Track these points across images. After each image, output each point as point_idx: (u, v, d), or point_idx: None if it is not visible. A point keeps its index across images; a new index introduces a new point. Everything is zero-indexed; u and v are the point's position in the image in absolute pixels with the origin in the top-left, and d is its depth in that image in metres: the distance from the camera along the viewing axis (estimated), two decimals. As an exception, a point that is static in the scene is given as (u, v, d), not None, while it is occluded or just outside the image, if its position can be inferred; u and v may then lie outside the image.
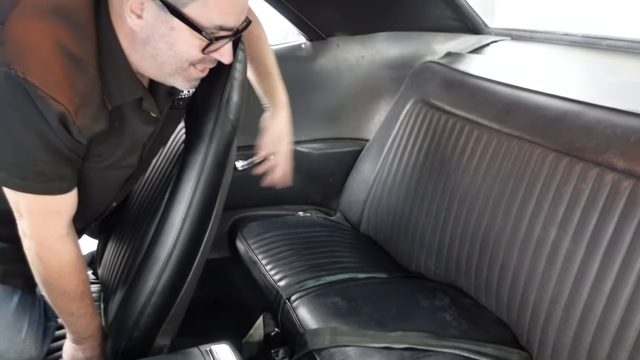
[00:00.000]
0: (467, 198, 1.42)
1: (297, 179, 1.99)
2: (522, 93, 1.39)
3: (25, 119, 0.96)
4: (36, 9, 0.98)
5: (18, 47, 0.93)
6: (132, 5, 0.95)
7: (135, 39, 0.99)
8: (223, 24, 0.96)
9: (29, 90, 0.93)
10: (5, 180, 1.04)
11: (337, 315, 1.32)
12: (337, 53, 1.96)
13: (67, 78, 0.96)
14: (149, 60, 1.01)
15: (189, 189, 1.17)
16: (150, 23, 0.96)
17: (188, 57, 1.00)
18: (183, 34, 0.96)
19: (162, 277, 1.17)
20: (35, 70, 0.93)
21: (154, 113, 1.13)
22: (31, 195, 1.05)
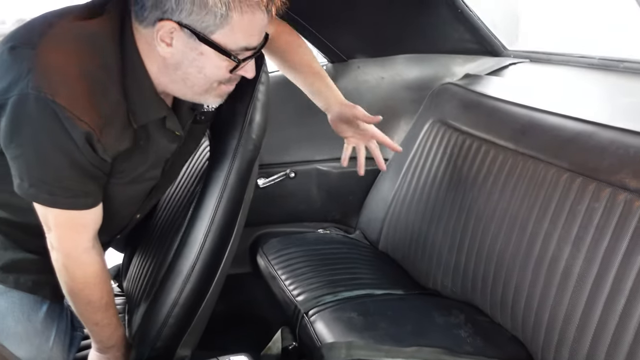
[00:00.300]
0: (483, 217, 1.44)
1: (318, 197, 2.04)
2: (537, 114, 1.42)
3: (53, 138, 1.02)
4: (64, 36, 1.04)
5: (47, 72, 1.00)
6: (162, 35, 1.01)
7: (167, 65, 1.06)
8: (248, 44, 1.03)
9: (57, 111, 0.99)
10: (35, 195, 1.10)
11: (353, 330, 1.35)
12: (358, 75, 2.02)
13: (92, 100, 1.02)
14: (180, 83, 1.08)
15: (212, 204, 1.22)
16: (180, 50, 1.02)
17: (217, 78, 1.07)
18: (212, 58, 1.03)
19: (184, 289, 1.22)
20: (63, 93, 0.99)
21: (178, 131, 1.18)
22: (58, 210, 1.11)
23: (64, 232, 1.15)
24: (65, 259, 1.18)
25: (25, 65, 1.00)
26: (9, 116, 1.02)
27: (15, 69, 1.01)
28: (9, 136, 1.04)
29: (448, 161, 1.63)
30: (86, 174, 1.09)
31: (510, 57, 2.01)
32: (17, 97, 1.00)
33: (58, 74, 1.01)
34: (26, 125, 1.02)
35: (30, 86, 0.98)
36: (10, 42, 1.06)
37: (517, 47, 2.07)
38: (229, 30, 1.00)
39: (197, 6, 0.98)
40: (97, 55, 1.04)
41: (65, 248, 1.17)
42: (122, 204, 1.29)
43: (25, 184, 1.08)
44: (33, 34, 1.05)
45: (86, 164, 1.07)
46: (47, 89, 0.98)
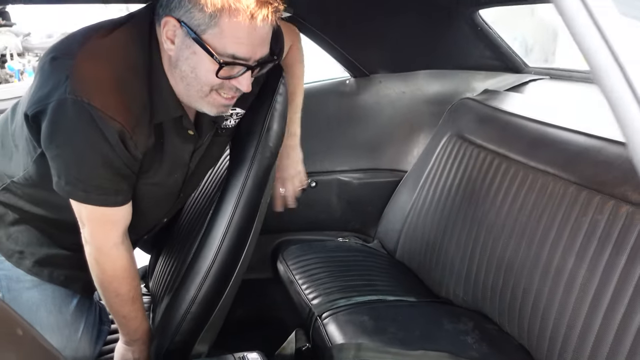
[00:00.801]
0: (494, 228, 1.48)
1: (338, 206, 2.11)
2: (548, 129, 1.46)
3: (89, 138, 1.12)
4: (98, 47, 1.15)
5: (83, 79, 1.10)
6: (167, 32, 1.11)
7: (171, 63, 1.15)
8: (235, 52, 1.09)
9: (92, 113, 1.09)
10: (71, 192, 1.20)
11: (364, 333, 1.40)
12: (379, 89, 2.08)
13: (123, 102, 1.12)
14: (180, 82, 1.16)
15: (230, 208, 1.30)
16: (179, 47, 1.11)
17: (207, 81, 1.12)
18: (202, 59, 1.10)
19: (202, 287, 1.29)
20: (97, 96, 1.09)
21: (191, 131, 1.27)
22: (91, 206, 1.21)
23: (96, 227, 1.25)
24: (96, 252, 1.27)
25: (63, 74, 1.11)
26: (49, 119, 1.12)
27: (55, 77, 1.12)
28: (49, 137, 1.15)
29: (463, 174, 1.68)
30: (117, 172, 1.18)
31: (530, 73, 2.05)
32: (56, 102, 1.10)
33: (93, 80, 1.11)
34: (64, 127, 1.13)
35: (68, 91, 1.08)
36: (51, 53, 1.18)
37: (554, 64, 2.09)
38: (218, 32, 1.07)
39: (193, 5, 1.06)
40: (126, 61, 1.14)
41: (97, 242, 1.26)
42: (149, 206, 1.38)
43: (62, 181, 1.18)
44: (71, 46, 1.16)
45: (118, 163, 1.16)
46: (83, 94, 1.08)
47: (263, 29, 1.10)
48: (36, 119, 1.15)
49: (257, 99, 1.35)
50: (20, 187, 1.35)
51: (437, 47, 2.00)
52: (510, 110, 1.66)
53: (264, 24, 1.08)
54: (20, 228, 1.42)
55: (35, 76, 1.19)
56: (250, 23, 1.06)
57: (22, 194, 1.36)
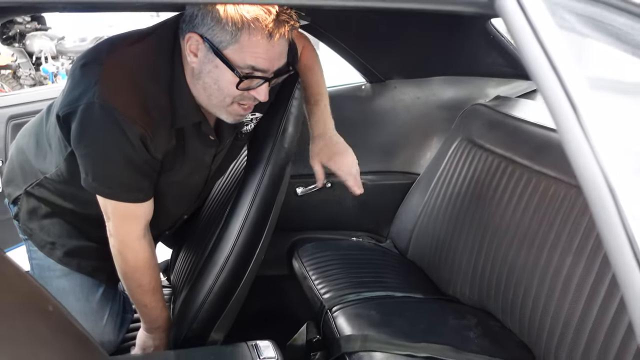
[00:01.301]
0: (499, 229, 1.54)
1: (352, 207, 2.18)
2: (552, 133, 1.51)
3: (113, 139, 1.22)
4: (124, 55, 1.25)
5: (110, 85, 1.20)
6: (190, 46, 1.20)
7: (193, 74, 1.23)
8: (255, 65, 1.17)
9: (117, 117, 1.18)
10: (97, 188, 1.30)
11: (371, 326, 1.47)
12: (394, 94, 2.15)
13: (145, 107, 1.21)
14: (202, 92, 1.25)
15: (246, 204, 1.38)
16: (202, 61, 1.20)
17: (228, 92, 1.21)
18: (223, 72, 1.19)
19: (219, 278, 1.37)
20: (122, 101, 1.19)
21: (212, 136, 1.35)
22: (115, 202, 1.31)
23: (119, 221, 1.35)
24: (120, 245, 1.37)
25: (92, 79, 1.20)
26: (78, 121, 1.22)
27: (85, 82, 1.22)
28: (78, 137, 1.25)
29: (472, 177, 1.74)
30: (139, 171, 1.28)
31: (543, 80, 2.09)
32: (85, 105, 1.20)
33: (119, 86, 1.20)
34: (91, 129, 1.23)
35: (96, 96, 1.18)
36: (82, 59, 1.28)
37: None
38: (238, 48, 1.16)
39: (215, 22, 1.15)
40: (150, 69, 1.23)
41: (121, 235, 1.36)
42: (171, 204, 1.48)
43: (89, 178, 1.28)
44: (101, 53, 1.26)
45: (140, 163, 1.26)
46: (109, 99, 1.18)
47: (280, 45, 1.18)
48: (67, 120, 1.26)
49: (273, 103, 1.44)
50: (52, 183, 1.46)
51: (451, 54, 2.06)
52: (520, 116, 1.72)
53: (281, 40, 1.17)
54: (52, 221, 1.53)
55: (67, 80, 1.30)
56: (269, 41, 1.15)
57: (53, 190, 1.47)
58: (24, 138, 1.55)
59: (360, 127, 2.15)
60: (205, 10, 1.15)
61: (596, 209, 0.56)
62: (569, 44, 0.51)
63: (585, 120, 0.56)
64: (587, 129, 0.58)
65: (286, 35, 1.17)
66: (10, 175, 1.57)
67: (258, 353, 1.31)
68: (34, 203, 1.52)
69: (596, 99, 0.61)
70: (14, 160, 1.56)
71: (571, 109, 0.56)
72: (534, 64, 0.48)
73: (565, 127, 0.49)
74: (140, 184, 1.31)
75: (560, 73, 0.47)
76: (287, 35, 1.18)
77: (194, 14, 1.17)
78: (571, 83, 0.49)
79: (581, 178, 0.54)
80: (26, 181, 1.51)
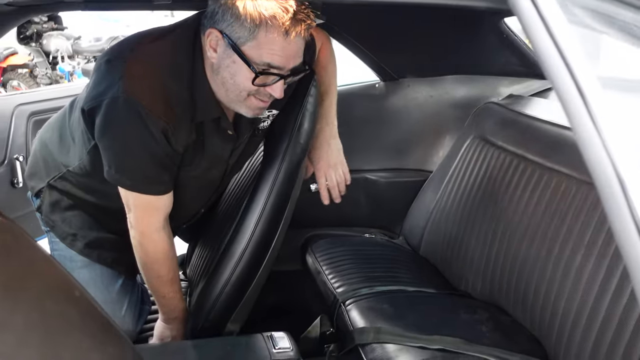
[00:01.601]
0: (510, 225, 1.56)
1: (366, 204, 2.21)
2: (564, 131, 1.53)
3: (136, 133, 1.26)
4: (148, 52, 1.29)
5: (134, 80, 1.24)
6: (211, 41, 1.24)
7: (213, 69, 1.27)
8: (271, 62, 1.21)
9: (140, 111, 1.22)
10: (119, 180, 1.34)
11: (383, 319, 1.49)
12: (407, 93, 2.18)
13: (167, 102, 1.25)
14: (220, 87, 1.28)
15: (263, 197, 1.42)
16: (221, 56, 1.24)
17: (244, 87, 1.24)
18: (241, 67, 1.22)
19: (236, 270, 1.41)
20: (146, 96, 1.23)
21: (230, 131, 1.39)
22: (137, 194, 1.35)
23: (140, 212, 1.39)
24: (140, 236, 1.41)
25: (117, 75, 1.25)
26: (102, 115, 1.26)
27: (109, 77, 1.26)
28: (102, 131, 1.29)
29: (484, 174, 1.76)
30: (161, 164, 1.32)
31: (556, 79, 2.10)
32: (109, 99, 1.24)
33: (142, 81, 1.24)
34: (115, 122, 1.27)
35: (121, 90, 1.22)
36: (106, 56, 1.32)
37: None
38: (255, 44, 1.20)
39: (234, 19, 1.19)
40: (171, 65, 1.28)
41: (141, 226, 1.40)
42: (189, 197, 1.51)
43: (112, 170, 1.32)
44: (124, 50, 1.30)
45: (162, 155, 1.30)
46: (134, 93, 1.22)
47: (296, 43, 1.21)
48: (91, 114, 1.30)
49: (290, 100, 1.47)
50: (75, 176, 1.50)
51: (464, 53, 2.09)
52: (533, 114, 1.74)
53: (297, 39, 1.20)
54: (73, 213, 1.57)
55: (92, 75, 1.34)
56: (285, 39, 1.18)
57: (76, 182, 1.51)
58: (48, 132, 1.60)
59: (373, 125, 2.17)
60: (226, 6, 1.19)
61: (607, 202, 0.58)
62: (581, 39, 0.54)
63: (597, 115, 0.59)
64: (598, 124, 0.60)
65: (302, 33, 1.20)
66: (34, 168, 1.61)
67: (273, 343, 1.35)
68: (57, 196, 1.56)
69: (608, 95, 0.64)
70: (38, 154, 1.61)
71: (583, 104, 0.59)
72: (546, 58, 0.50)
73: (578, 121, 0.51)
74: (162, 177, 1.35)
75: (572, 68, 0.50)
76: (304, 33, 1.21)
77: (215, 10, 1.21)
78: (583, 78, 0.51)
79: (593, 171, 0.57)
80: (49, 174, 1.55)
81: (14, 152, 2.17)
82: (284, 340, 1.37)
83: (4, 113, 2.17)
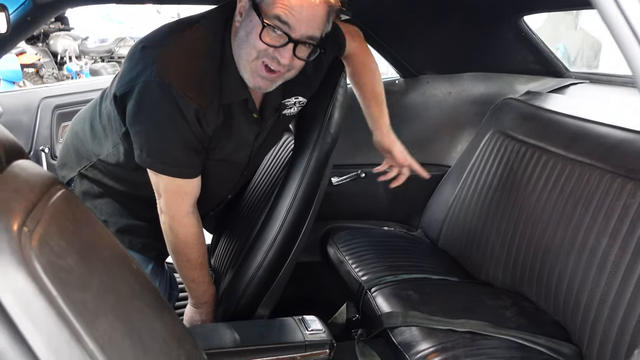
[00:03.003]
0: (533, 214, 1.61)
1: (385, 197, 2.25)
2: (586, 124, 1.58)
3: (169, 115, 1.29)
4: (180, 39, 1.32)
5: (167, 65, 1.27)
6: (240, 7, 1.28)
7: (235, 33, 1.30)
8: (280, 15, 1.22)
9: (173, 94, 1.26)
10: (150, 164, 1.37)
11: (410, 304, 1.54)
12: (427, 89, 2.23)
13: (199, 85, 1.29)
14: (238, 50, 1.30)
15: (294, 185, 1.45)
16: (243, 18, 1.28)
17: (254, 45, 1.26)
18: (255, 24, 1.25)
19: (268, 254, 1.45)
20: (178, 79, 1.26)
21: (255, 113, 1.42)
22: (167, 178, 1.38)
23: (170, 197, 1.42)
24: (170, 220, 1.44)
25: (150, 59, 1.28)
26: (135, 98, 1.30)
27: (143, 62, 1.30)
28: (134, 114, 1.33)
29: (505, 167, 1.81)
30: (192, 147, 1.35)
31: (571, 77, 2.16)
32: (142, 83, 1.28)
33: (175, 66, 1.28)
34: (148, 105, 1.30)
35: (154, 75, 1.26)
36: (142, 43, 1.37)
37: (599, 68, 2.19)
38: (272, 1, 1.22)
39: None
40: (203, 50, 1.31)
41: (171, 211, 1.43)
42: (216, 182, 1.55)
43: (143, 154, 1.35)
44: (158, 38, 1.35)
45: (192, 138, 1.33)
46: (167, 77, 1.26)
47: (313, 9, 1.22)
48: (124, 99, 1.33)
49: (319, 90, 1.51)
50: (105, 166, 1.53)
51: (483, 50, 2.14)
52: (552, 108, 1.78)
53: (315, 7, 1.22)
54: (104, 200, 1.60)
55: (125, 62, 1.37)
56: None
57: (106, 172, 1.55)
58: (79, 123, 1.63)
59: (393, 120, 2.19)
60: None
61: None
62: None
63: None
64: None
65: (322, 3, 1.22)
66: (65, 159, 1.65)
67: (305, 325, 1.38)
68: (87, 185, 1.59)
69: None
70: (69, 144, 1.64)
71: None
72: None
73: None
74: (192, 160, 1.38)
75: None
76: (323, 6, 1.23)
77: None
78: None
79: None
80: (80, 164, 1.59)
81: (39, 143, 2.21)
82: (316, 323, 1.40)
83: (30, 105, 2.21)
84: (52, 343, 0.60)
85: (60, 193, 0.80)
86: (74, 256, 0.73)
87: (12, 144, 0.76)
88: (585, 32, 6.66)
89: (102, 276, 0.80)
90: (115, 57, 7.72)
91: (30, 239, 0.64)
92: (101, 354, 0.64)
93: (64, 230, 0.75)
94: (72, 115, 1.72)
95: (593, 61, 6.33)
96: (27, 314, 0.59)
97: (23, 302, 0.59)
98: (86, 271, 0.75)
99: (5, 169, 0.71)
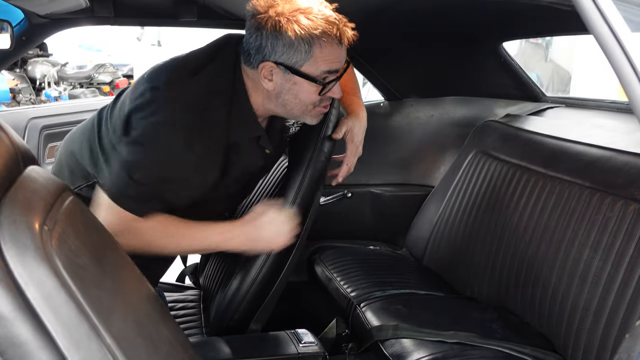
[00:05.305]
0: (516, 230, 1.66)
1: (370, 217, 2.30)
2: (564, 143, 1.65)
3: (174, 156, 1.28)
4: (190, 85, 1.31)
5: (174, 108, 1.27)
6: (264, 73, 1.29)
7: (270, 96, 1.32)
8: (330, 69, 1.28)
9: (181, 139, 1.26)
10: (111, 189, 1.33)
11: (399, 318, 1.57)
12: (411, 112, 2.30)
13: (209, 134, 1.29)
14: (282, 108, 1.34)
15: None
16: (279, 83, 1.29)
17: (310, 101, 1.31)
18: (303, 86, 1.29)
19: (262, 269, 1.46)
20: (187, 126, 1.26)
21: (268, 149, 1.43)
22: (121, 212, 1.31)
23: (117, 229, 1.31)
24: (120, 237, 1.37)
25: (162, 104, 1.28)
26: (139, 135, 1.29)
27: (155, 105, 1.28)
28: (134, 144, 1.30)
29: (487, 185, 1.87)
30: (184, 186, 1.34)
31: (548, 102, 2.25)
32: (152, 125, 1.27)
33: (185, 110, 1.28)
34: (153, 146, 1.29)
35: (165, 119, 1.26)
36: (151, 83, 1.34)
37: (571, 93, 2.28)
38: (313, 61, 1.26)
39: (286, 48, 1.24)
40: (212, 95, 1.32)
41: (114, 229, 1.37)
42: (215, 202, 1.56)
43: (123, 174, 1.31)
44: (170, 79, 1.32)
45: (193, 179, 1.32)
46: (176, 123, 1.27)
47: (340, 44, 1.28)
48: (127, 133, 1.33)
49: None
50: None
51: (464, 75, 2.22)
52: (531, 129, 1.86)
53: (346, 42, 1.27)
54: (96, 219, 1.60)
55: (133, 100, 1.34)
56: (340, 47, 1.27)
57: None
58: (75, 143, 1.60)
59: (378, 142, 2.28)
60: (274, 39, 1.24)
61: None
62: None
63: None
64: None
65: (351, 38, 1.27)
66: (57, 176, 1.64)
67: (298, 339, 1.40)
68: None
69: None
70: (63, 163, 1.62)
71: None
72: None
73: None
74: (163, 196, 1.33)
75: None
76: (352, 38, 1.28)
77: (262, 45, 1.26)
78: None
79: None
80: (74, 183, 1.57)
81: (26, 163, 2.21)
82: (308, 336, 1.42)
83: (18, 125, 2.22)
84: (73, 336, 0.62)
85: (70, 198, 0.83)
86: (88, 256, 0.75)
87: (26, 150, 0.78)
88: (555, 64, 6.98)
89: (112, 277, 0.82)
90: (95, 84, 7.72)
91: (51, 237, 0.67)
92: (118, 348, 0.66)
93: (78, 231, 0.78)
94: (59, 136, 1.71)
95: (565, 88, 6.63)
96: (50, 306, 0.61)
97: (46, 296, 0.61)
98: (99, 271, 0.78)
99: (23, 172, 0.74)
